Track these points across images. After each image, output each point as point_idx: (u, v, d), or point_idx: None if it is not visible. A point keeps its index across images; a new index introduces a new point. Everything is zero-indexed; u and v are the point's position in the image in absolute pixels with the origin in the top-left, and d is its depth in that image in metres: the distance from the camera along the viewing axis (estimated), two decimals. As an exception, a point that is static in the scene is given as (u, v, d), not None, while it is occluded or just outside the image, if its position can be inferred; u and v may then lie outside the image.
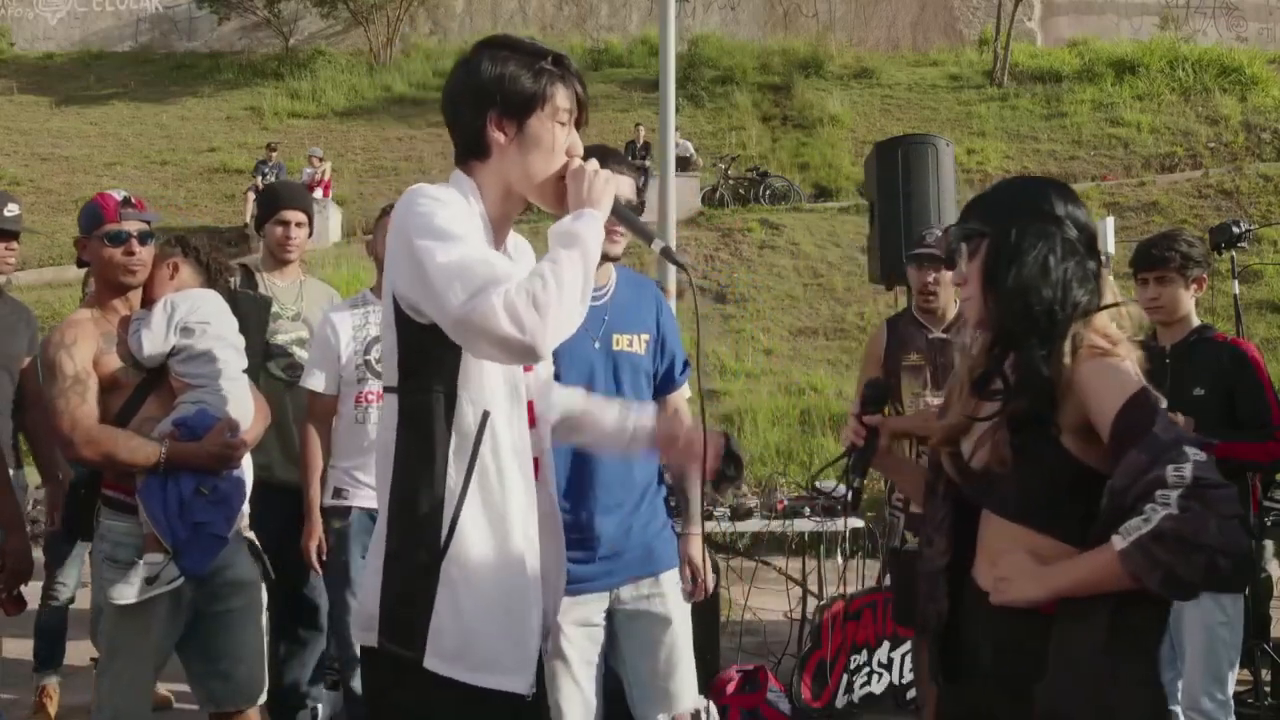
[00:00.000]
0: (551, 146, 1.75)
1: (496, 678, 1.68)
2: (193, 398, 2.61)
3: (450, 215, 1.64)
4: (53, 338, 2.56)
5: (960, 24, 20.81)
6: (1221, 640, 2.96)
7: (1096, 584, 1.55)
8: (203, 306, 2.69)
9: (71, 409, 2.48)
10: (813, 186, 15.63)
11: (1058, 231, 1.68)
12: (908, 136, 5.41)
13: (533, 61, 1.74)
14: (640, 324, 2.62)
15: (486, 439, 1.69)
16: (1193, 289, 3.11)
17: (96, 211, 2.65)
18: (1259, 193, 14.09)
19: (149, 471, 2.50)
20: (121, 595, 2.49)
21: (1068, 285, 1.66)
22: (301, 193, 4.02)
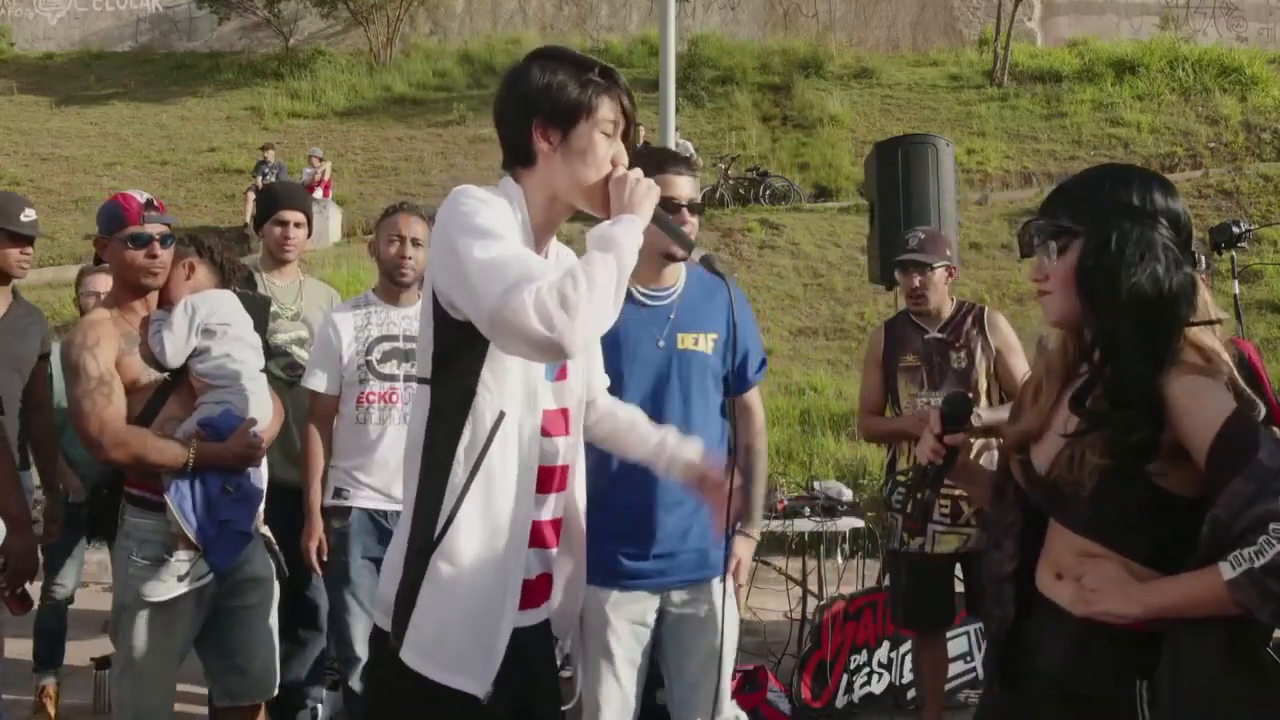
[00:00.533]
0: (595, 156, 1.78)
1: (457, 678, 1.71)
2: (216, 398, 2.67)
3: (492, 216, 1.67)
4: (75, 339, 2.59)
5: (960, 24, 20.80)
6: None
7: (1195, 608, 1.49)
8: (221, 308, 2.75)
9: (98, 410, 2.52)
10: (813, 186, 15.62)
11: (1160, 236, 1.58)
12: (908, 136, 5.42)
13: (580, 72, 1.79)
14: (708, 323, 2.60)
15: (498, 440, 1.72)
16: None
17: (118, 213, 2.68)
18: (1259, 193, 14.08)
19: (177, 471, 2.54)
20: (155, 592, 2.54)
21: (1176, 299, 1.57)
22: (300, 193, 4.03)
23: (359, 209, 15.03)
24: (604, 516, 2.50)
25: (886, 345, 3.73)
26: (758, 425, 2.79)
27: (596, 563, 2.49)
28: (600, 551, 2.48)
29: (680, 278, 2.62)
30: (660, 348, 2.54)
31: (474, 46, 20.26)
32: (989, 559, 1.84)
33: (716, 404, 2.64)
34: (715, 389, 2.62)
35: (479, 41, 20.63)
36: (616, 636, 2.49)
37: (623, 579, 2.51)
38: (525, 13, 21.71)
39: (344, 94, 19.14)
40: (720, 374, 2.63)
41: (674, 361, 2.55)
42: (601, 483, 2.53)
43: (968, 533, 3.51)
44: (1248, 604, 1.41)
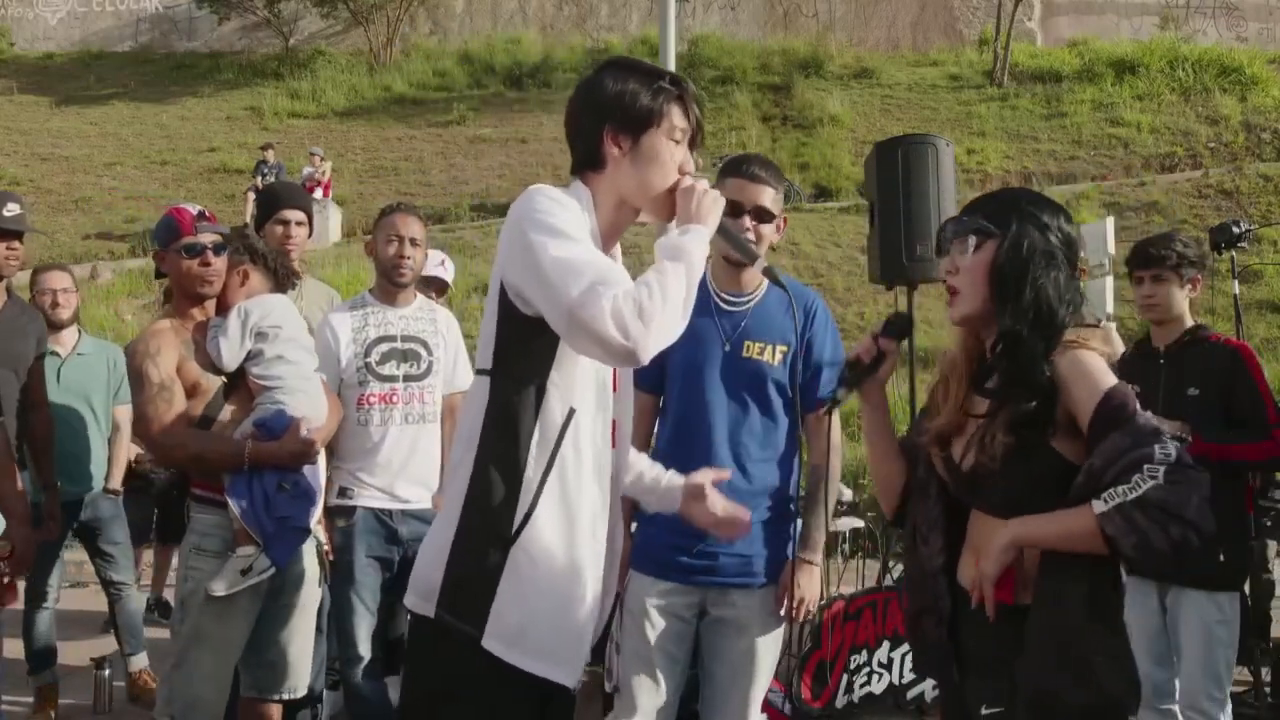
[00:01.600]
0: (665, 162, 1.84)
1: (549, 667, 1.74)
2: (270, 399, 2.77)
3: (568, 218, 1.71)
4: (137, 347, 2.72)
5: (960, 24, 20.80)
6: (1219, 639, 2.96)
7: (1063, 541, 1.67)
8: (274, 311, 2.85)
9: (160, 415, 2.65)
10: (813, 186, 15.62)
11: (1059, 251, 1.79)
12: (908, 136, 5.41)
13: (652, 81, 1.85)
14: (779, 335, 2.59)
15: (569, 436, 1.75)
16: (1187, 289, 3.12)
17: (173, 225, 2.81)
18: (1259, 193, 14.08)
19: (235, 470, 2.65)
20: (218, 587, 2.64)
21: (1068, 304, 1.77)
22: (300, 192, 4.03)
23: (359, 209, 15.03)
24: None
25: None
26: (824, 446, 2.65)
27: (645, 552, 2.58)
28: (650, 541, 2.57)
29: (763, 286, 2.62)
30: (726, 350, 2.57)
31: (474, 46, 20.27)
32: (917, 555, 1.94)
33: (779, 418, 2.63)
34: (778, 398, 2.60)
35: (479, 41, 20.63)
36: (654, 627, 2.53)
37: (668, 571, 2.55)
38: (525, 13, 21.71)
39: (344, 94, 19.15)
40: (785, 385, 2.61)
41: (734, 367, 2.56)
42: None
43: None
44: (1115, 534, 1.60)
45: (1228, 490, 3.02)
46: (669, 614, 2.55)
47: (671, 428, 2.63)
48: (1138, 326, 9.67)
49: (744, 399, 2.56)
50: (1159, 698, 3.12)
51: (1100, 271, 6.93)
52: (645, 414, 2.64)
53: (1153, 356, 3.17)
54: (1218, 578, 2.97)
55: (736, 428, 2.55)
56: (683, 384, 2.58)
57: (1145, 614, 3.12)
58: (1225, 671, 3.00)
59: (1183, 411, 3.01)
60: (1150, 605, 3.11)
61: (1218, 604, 2.96)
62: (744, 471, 2.55)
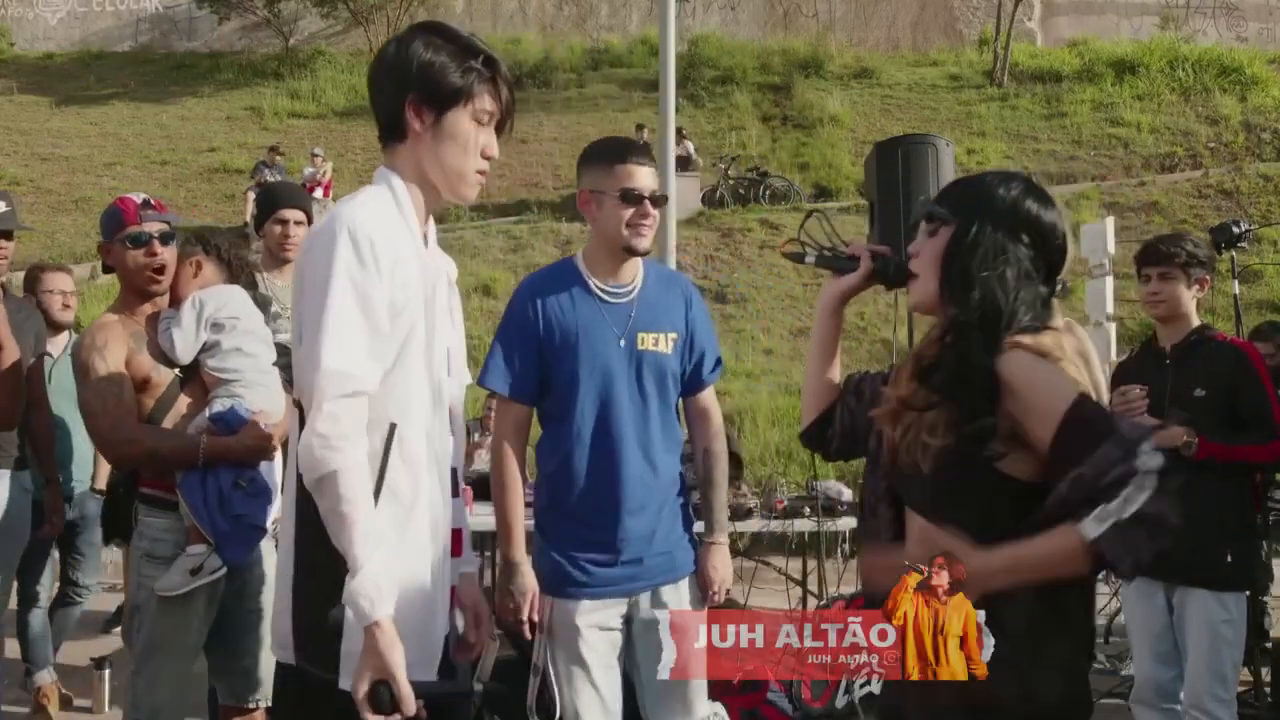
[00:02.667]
0: (466, 142, 1.77)
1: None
2: (226, 392, 2.67)
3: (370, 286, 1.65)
4: (84, 341, 2.60)
5: (960, 24, 20.80)
6: (1224, 639, 2.96)
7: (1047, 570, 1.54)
8: (230, 302, 2.75)
9: (110, 410, 2.54)
10: (813, 186, 15.62)
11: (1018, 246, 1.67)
12: (908, 136, 5.41)
13: (464, 58, 1.76)
14: (668, 323, 2.53)
15: (395, 451, 1.69)
16: (1194, 289, 3.10)
17: (117, 215, 2.69)
18: (1259, 193, 14.08)
19: (188, 467, 2.55)
20: (168, 586, 2.54)
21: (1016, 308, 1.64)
22: (300, 192, 4.03)
23: (359, 209, 15.00)
24: (569, 525, 2.48)
25: None
26: (715, 427, 2.67)
27: (562, 573, 2.46)
28: (567, 560, 2.46)
29: (639, 274, 2.54)
30: (620, 347, 2.47)
31: (474, 46, 20.25)
32: (867, 525, 1.88)
33: (673, 406, 2.59)
34: (674, 388, 2.56)
35: (479, 41, 20.61)
36: (588, 645, 2.44)
37: (591, 587, 2.46)
38: (525, 13, 21.71)
39: (344, 94, 19.13)
40: (678, 375, 2.57)
41: (632, 361, 2.47)
42: (566, 489, 2.48)
43: None
44: (1112, 557, 1.48)
45: (1234, 491, 3.02)
46: (601, 629, 2.46)
47: (569, 439, 2.46)
48: (1138, 326, 9.68)
49: (647, 392, 2.48)
50: (1163, 697, 3.11)
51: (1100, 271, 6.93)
52: (522, 429, 2.53)
53: (1159, 357, 3.16)
54: (1224, 578, 2.97)
55: (643, 424, 2.47)
56: (578, 390, 2.45)
57: (1151, 613, 3.12)
58: (1231, 672, 3.00)
59: (1189, 412, 3.01)
60: (1156, 604, 3.10)
61: (1223, 604, 2.96)
62: (653, 466, 2.49)
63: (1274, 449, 2.99)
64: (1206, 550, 2.95)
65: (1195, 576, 2.99)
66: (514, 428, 2.52)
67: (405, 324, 1.71)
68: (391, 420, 1.69)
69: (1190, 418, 2.97)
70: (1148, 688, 3.15)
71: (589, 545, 2.45)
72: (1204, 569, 2.97)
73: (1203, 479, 2.97)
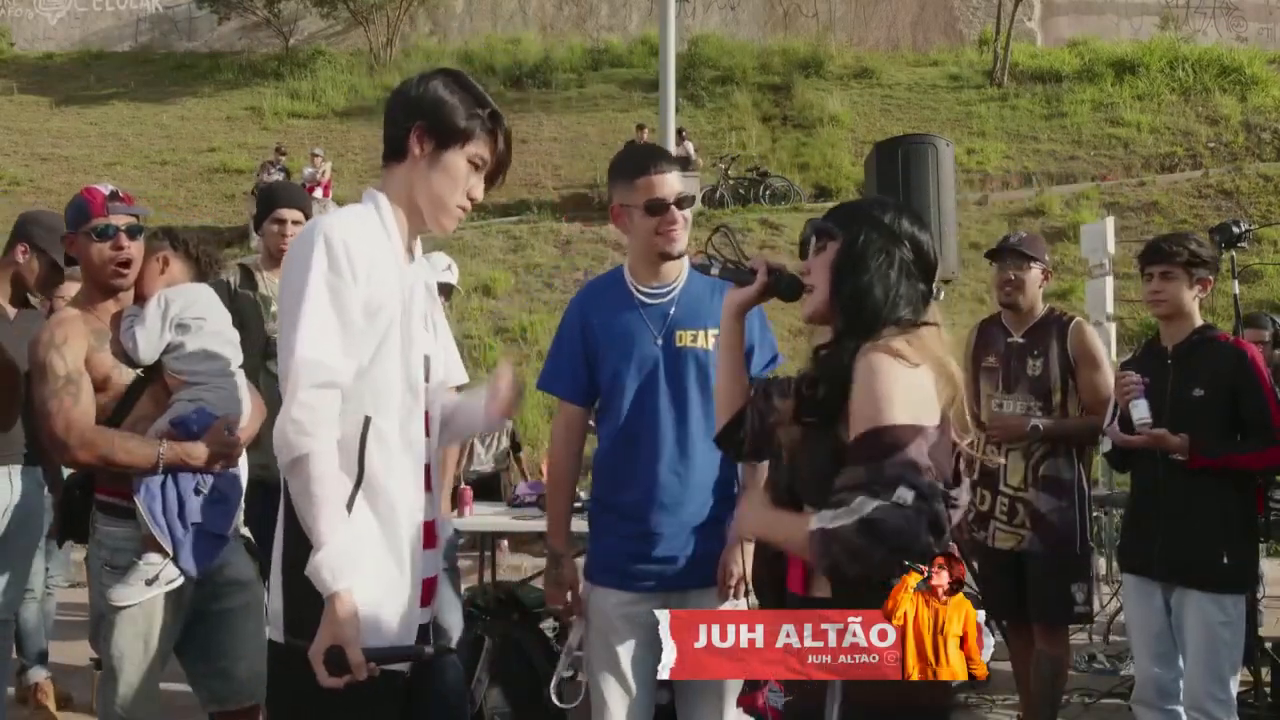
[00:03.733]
0: (456, 178, 1.94)
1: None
2: (190, 395, 2.56)
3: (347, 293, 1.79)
4: (41, 337, 2.48)
5: (960, 24, 20.80)
6: (1222, 640, 2.95)
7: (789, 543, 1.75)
8: (197, 302, 2.64)
9: (65, 410, 2.41)
10: (813, 186, 15.63)
11: (900, 252, 1.82)
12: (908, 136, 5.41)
13: (473, 106, 1.93)
14: (710, 319, 2.54)
15: (372, 442, 1.82)
16: (1196, 289, 3.10)
17: (83, 206, 2.57)
18: (1259, 193, 14.09)
19: (148, 472, 2.45)
20: (122, 597, 2.47)
21: (895, 301, 1.79)
22: (298, 192, 4.04)
23: (359, 209, 15.01)
24: (609, 517, 2.57)
25: (976, 344, 3.79)
26: None
27: (600, 562, 2.57)
28: (607, 551, 2.56)
29: (682, 275, 2.60)
30: (657, 345, 2.54)
31: (474, 47, 20.26)
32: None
33: None
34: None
35: (479, 42, 20.62)
36: (619, 636, 2.49)
37: (627, 579, 2.52)
38: (525, 13, 21.71)
39: (344, 94, 19.15)
40: None
41: (671, 359, 2.54)
42: (607, 482, 2.59)
43: (1021, 533, 3.54)
44: (814, 551, 1.62)
45: (1235, 492, 3.02)
46: (636, 622, 2.49)
47: (613, 436, 2.58)
48: (1138, 326, 9.68)
49: (685, 390, 2.53)
50: (1163, 698, 3.11)
51: (1100, 271, 6.93)
52: (574, 427, 2.66)
53: (1160, 356, 3.16)
54: (1223, 579, 2.97)
55: (681, 422, 2.52)
56: (620, 389, 2.54)
57: (1149, 613, 3.12)
58: (1230, 672, 2.99)
59: (1188, 412, 3.01)
60: (1154, 605, 3.10)
61: (1221, 605, 2.95)
62: (689, 461, 2.53)
63: (1270, 456, 2.98)
64: (1205, 551, 2.96)
65: (1193, 577, 2.99)
66: (566, 427, 2.66)
67: (382, 322, 1.85)
68: (366, 414, 1.83)
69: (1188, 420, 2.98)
70: (1148, 688, 3.15)
71: (624, 538, 2.52)
72: (1202, 570, 2.97)
73: (1203, 480, 2.97)
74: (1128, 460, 3.22)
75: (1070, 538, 3.51)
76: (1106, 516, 6.48)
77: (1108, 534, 6.51)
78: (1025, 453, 3.54)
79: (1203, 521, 2.98)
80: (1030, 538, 3.52)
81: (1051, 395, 3.55)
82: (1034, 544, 3.51)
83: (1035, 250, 3.69)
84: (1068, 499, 3.51)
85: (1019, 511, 3.55)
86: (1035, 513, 3.51)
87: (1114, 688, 4.40)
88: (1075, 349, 3.55)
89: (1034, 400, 3.56)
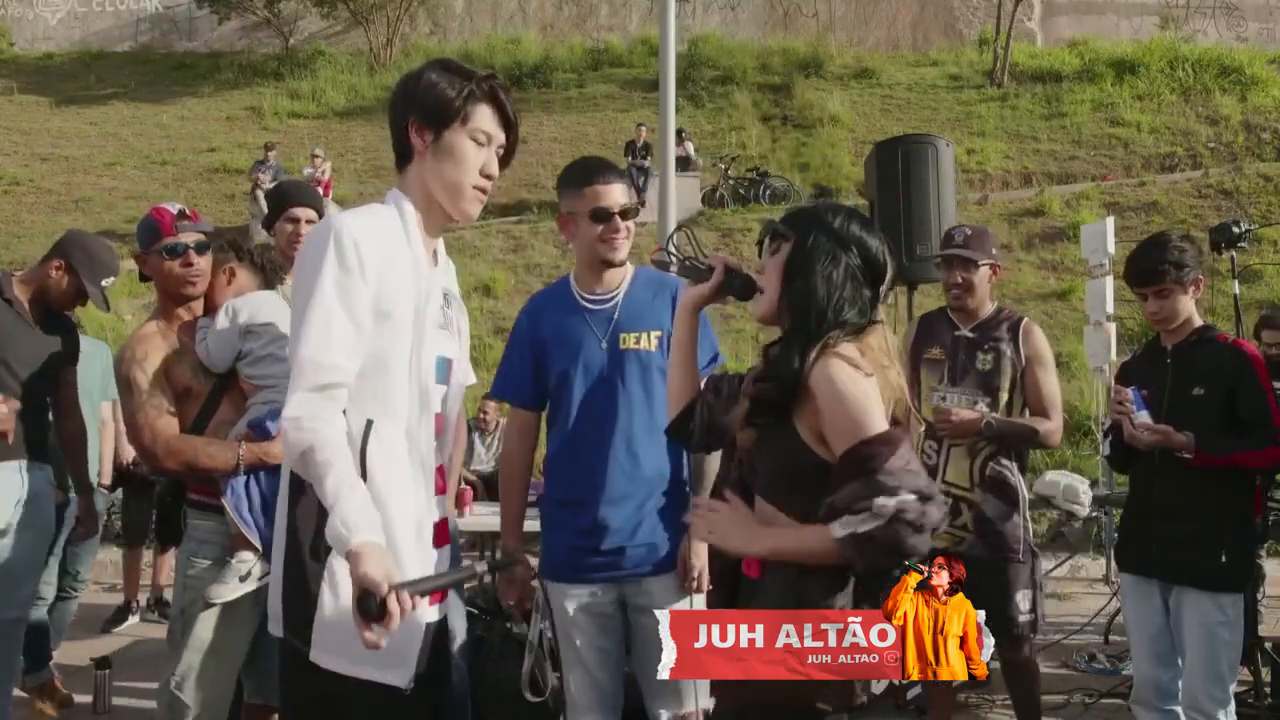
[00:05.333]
0: (464, 160, 1.90)
1: (377, 671, 1.79)
2: (263, 398, 2.69)
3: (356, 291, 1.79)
4: (124, 354, 2.68)
5: (960, 24, 20.81)
6: (1221, 640, 2.95)
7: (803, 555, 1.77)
8: (264, 309, 2.78)
9: (150, 422, 2.60)
10: (813, 186, 15.62)
11: (848, 257, 1.87)
12: (908, 136, 5.42)
13: (463, 80, 1.89)
14: (652, 321, 2.67)
15: (373, 445, 1.81)
16: (1192, 292, 3.09)
17: (154, 226, 2.76)
18: (1259, 193, 14.08)
19: (230, 474, 2.59)
20: (219, 594, 2.60)
21: (840, 305, 1.84)
22: (310, 191, 3.95)
23: (359, 209, 15.02)
24: (560, 513, 2.68)
25: (916, 336, 3.74)
26: None
27: (553, 558, 2.68)
28: (559, 547, 2.67)
29: (624, 280, 2.71)
30: (603, 349, 2.64)
31: (474, 46, 20.26)
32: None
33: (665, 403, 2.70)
34: (661, 382, 2.65)
35: (479, 41, 20.63)
36: (577, 626, 2.60)
37: (581, 573, 2.62)
38: (525, 13, 21.72)
39: (344, 94, 19.15)
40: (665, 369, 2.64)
41: (615, 361, 2.63)
42: (556, 480, 2.70)
43: (962, 535, 3.48)
44: (849, 557, 1.70)
45: (1233, 491, 3.02)
46: (592, 613, 2.61)
47: (562, 436, 2.68)
48: (1138, 326, 9.68)
49: (631, 390, 2.62)
50: (1162, 698, 3.11)
51: (1100, 271, 6.93)
52: (526, 433, 2.77)
53: (1160, 355, 3.16)
54: (1220, 578, 2.96)
55: (628, 421, 2.61)
56: (568, 391, 2.64)
57: (1147, 613, 3.12)
58: (1228, 672, 2.99)
59: (1187, 411, 3.00)
60: (1153, 604, 3.10)
61: (1220, 605, 2.95)
62: (635, 458, 2.62)
63: (1271, 454, 2.97)
64: (1203, 551, 2.95)
65: (1191, 577, 2.98)
66: (518, 431, 2.78)
67: (392, 324, 1.84)
68: (369, 417, 1.82)
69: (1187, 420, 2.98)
70: (1147, 688, 3.15)
71: (575, 533, 2.62)
72: (1200, 569, 2.96)
73: (1201, 480, 2.97)
74: (1128, 461, 3.21)
75: (1015, 546, 3.45)
76: (1107, 516, 6.49)
77: (1107, 534, 6.52)
78: (970, 450, 3.47)
79: (1201, 521, 2.98)
80: (971, 541, 3.44)
81: (999, 392, 3.50)
82: (975, 548, 3.40)
83: (981, 249, 3.64)
84: (1012, 503, 3.45)
85: (961, 512, 3.47)
86: (981, 516, 3.43)
87: (1114, 688, 4.40)
88: (1028, 348, 3.53)
89: (981, 395, 3.50)
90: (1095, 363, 6.83)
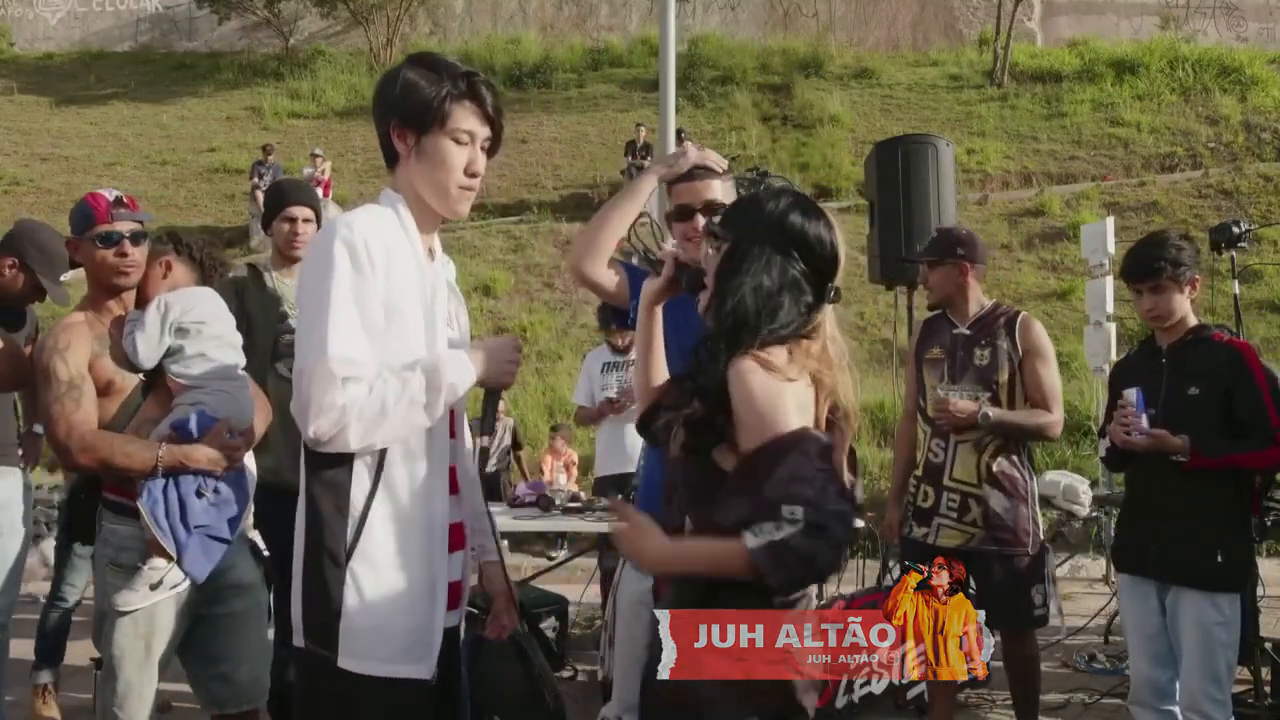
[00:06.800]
0: (446, 162, 1.86)
1: (405, 668, 1.81)
2: (190, 399, 2.56)
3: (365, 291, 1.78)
4: (46, 342, 2.51)
5: (960, 24, 20.79)
6: (1218, 640, 2.95)
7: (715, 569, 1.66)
8: (198, 306, 2.65)
9: (67, 415, 2.44)
10: (813, 186, 15.60)
11: (786, 260, 1.77)
12: (908, 136, 5.42)
13: (440, 80, 1.84)
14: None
15: (394, 445, 1.81)
16: (1188, 290, 3.09)
17: (87, 212, 2.58)
18: (1259, 193, 14.09)
19: (147, 475, 2.45)
20: (127, 602, 2.47)
21: (774, 310, 1.75)
22: (307, 189, 3.95)
23: (359, 209, 15.01)
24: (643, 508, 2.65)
25: (920, 338, 3.80)
26: None
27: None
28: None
29: None
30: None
31: (474, 46, 20.25)
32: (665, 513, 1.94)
33: None
34: None
35: (479, 41, 20.62)
36: (641, 623, 2.58)
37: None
38: (525, 13, 21.70)
39: (344, 94, 19.13)
40: None
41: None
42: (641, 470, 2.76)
43: (972, 531, 3.51)
44: (764, 568, 1.59)
45: (1229, 491, 3.01)
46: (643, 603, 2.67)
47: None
48: (1138, 326, 9.67)
49: None
50: (1159, 698, 3.11)
51: (1100, 271, 6.93)
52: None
53: (1155, 355, 3.16)
54: (1217, 579, 2.96)
55: None
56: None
57: (1144, 614, 3.12)
58: (1226, 672, 2.99)
59: (1183, 411, 3.00)
60: (1150, 605, 3.10)
61: (1217, 605, 2.95)
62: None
63: (1270, 455, 2.97)
64: (1200, 551, 2.95)
65: (1188, 577, 2.98)
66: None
67: (401, 323, 1.83)
68: None
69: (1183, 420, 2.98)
70: (1144, 688, 3.15)
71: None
72: (1197, 569, 2.96)
73: (1198, 480, 2.97)
74: (1125, 461, 3.22)
75: (1024, 539, 3.50)
76: (1107, 516, 6.49)
77: (1107, 534, 6.52)
78: (976, 446, 3.52)
79: (1198, 521, 2.98)
80: (981, 536, 3.49)
81: (999, 387, 3.54)
82: (985, 543, 3.48)
83: (935, 251, 3.72)
84: (1020, 498, 3.50)
85: (970, 508, 3.51)
86: (988, 511, 3.48)
87: (1114, 688, 4.40)
88: (1025, 342, 3.56)
89: (981, 390, 3.54)
90: (1095, 363, 6.84)
